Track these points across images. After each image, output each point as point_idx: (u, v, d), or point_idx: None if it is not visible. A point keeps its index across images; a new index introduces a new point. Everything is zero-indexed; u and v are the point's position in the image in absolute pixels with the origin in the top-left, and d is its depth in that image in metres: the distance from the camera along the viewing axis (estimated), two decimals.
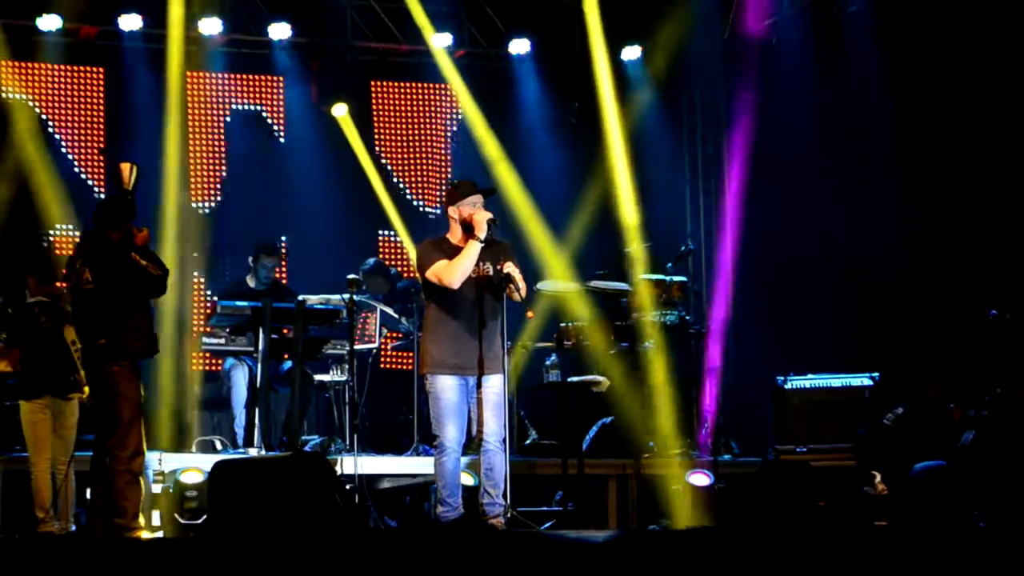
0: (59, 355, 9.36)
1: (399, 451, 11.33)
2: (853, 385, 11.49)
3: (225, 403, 11.56)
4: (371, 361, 11.61)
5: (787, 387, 11.60)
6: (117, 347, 8.65)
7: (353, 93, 13.66)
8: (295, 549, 6.95)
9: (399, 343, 12.77)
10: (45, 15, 12.42)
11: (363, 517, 9.88)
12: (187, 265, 12.78)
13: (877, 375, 11.42)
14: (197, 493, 9.83)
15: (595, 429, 11.41)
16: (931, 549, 7.28)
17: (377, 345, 11.78)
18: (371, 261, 12.49)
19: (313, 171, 13.41)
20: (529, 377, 11.98)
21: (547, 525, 10.02)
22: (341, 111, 13.45)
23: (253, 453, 10.76)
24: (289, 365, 11.28)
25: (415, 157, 13.94)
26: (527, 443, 11.79)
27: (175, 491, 9.87)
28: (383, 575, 6.84)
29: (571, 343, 11.67)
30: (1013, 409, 10.02)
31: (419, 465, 10.76)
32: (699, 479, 10.54)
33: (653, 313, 11.84)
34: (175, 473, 9.96)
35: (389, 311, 11.81)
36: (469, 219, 8.78)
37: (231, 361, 11.46)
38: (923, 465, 10.06)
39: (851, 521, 9.63)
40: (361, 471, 10.34)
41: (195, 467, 9.96)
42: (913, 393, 10.72)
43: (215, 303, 11.80)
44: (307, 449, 11.13)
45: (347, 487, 9.80)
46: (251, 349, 11.15)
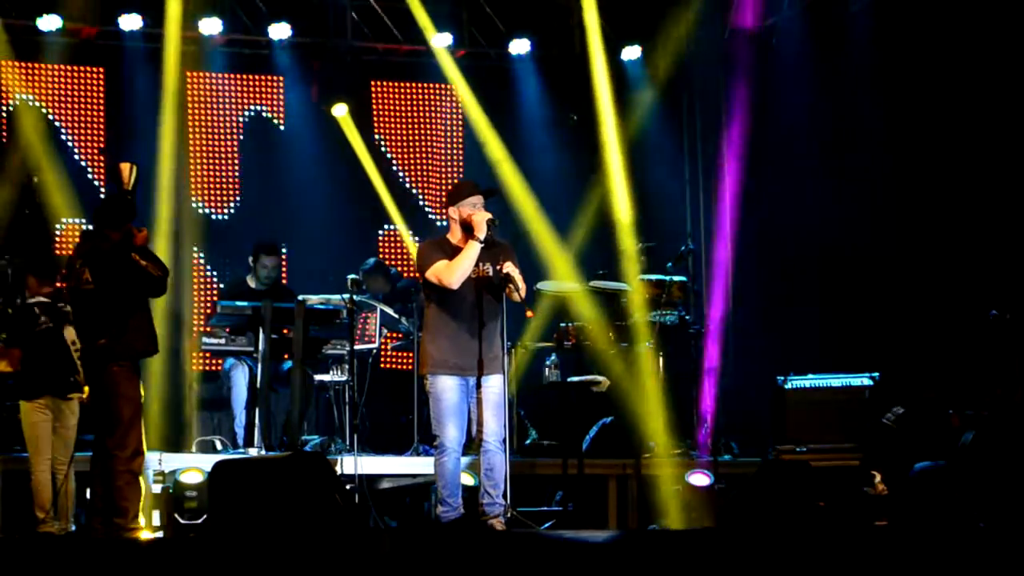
0: (59, 355, 9.37)
1: (399, 451, 11.33)
2: (853, 385, 11.47)
3: (225, 403, 11.55)
4: (371, 361, 11.59)
5: (787, 387, 11.58)
6: (117, 347, 8.66)
7: (353, 93, 13.66)
8: (295, 549, 6.94)
9: (399, 343, 12.77)
10: (45, 15, 12.42)
11: (363, 517, 9.89)
12: (186, 265, 12.78)
13: (877, 375, 11.41)
14: (197, 493, 9.84)
15: (595, 429, 11.40)
16: (931, 549, 7.28)
17: (377, 345, 11.77)
18: (371, 261, 12.49)
19: (313, 171, 13.40)
20: (529, 377, 11.97)
21: (547, 525, 10.01)
22: (341, 111, 13.44)
23: (253, 453, 10.76)
24: (289, 365, 11.29)
25: (415, 157, 13.94)
26: (527, 443, 11.78)
27: (175, 491, 9.88)
28: (383, 575, 6.84)
29: (571, 343, 11.65)
30: (1013, 409, 10.01)
31: (419, 465, 10.75)
32: (699, 479, 10.54)
33: (652, 313, 11.83)
34: (175, 473, 9.96)
35: (389, 311, 11.80)
36: (469, 220, 8.80)
37: (231, 361, 11.45)
38: (923, 465, 10.04)
39: (851, 521, 9.63)
40: (361, 471, 10.34)
41: (195, 467, 9.96)
42: (912, 398, 10.70)
43: (215, 303, 11.80)
44: (307, 449, 11.13)
45: (347, 487, 9.81)
46: (251, 349, 11.16)
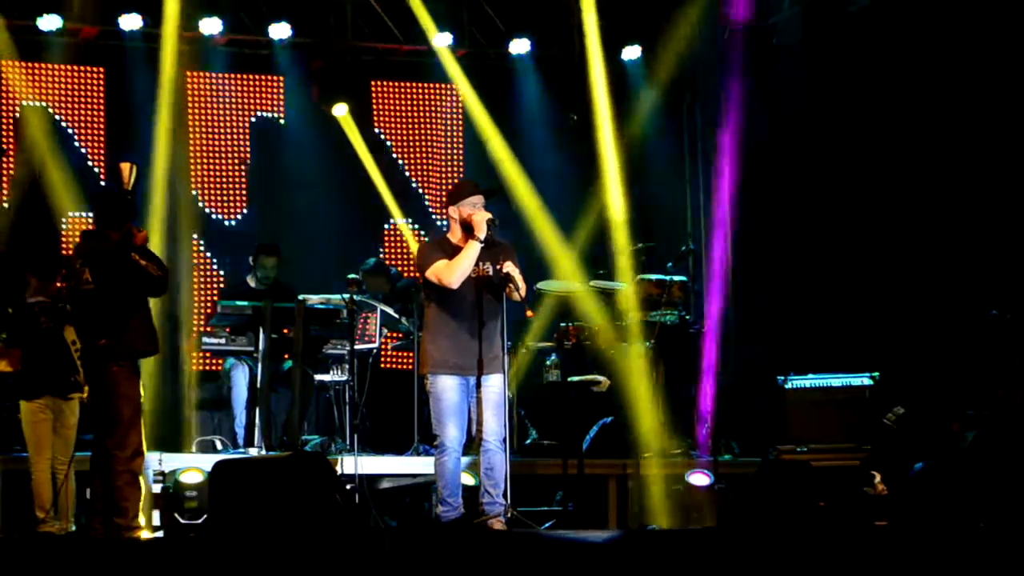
0: (59, 355, 9.36)
1: (399, 451, 11.33)
2: (853, 385, 11.47)
3: (225, 403, 11.55)
4: (371, 361, 11.59)
5: (787, 387, 11.59)
6: (117, 347, 8.65)
7: (353, 93, 13.65)
8: (295, 549, 6.94)
9: (399, 343, 12.76)
10: (46, 15, 12.41)
11: (363, 517, 9.89)
12: (185, 265, 12.78)
13: (877, 375, 11.41)
14: (197, 493, 9.83)
15: (595, 429, 11.40)
16: (931, 549, 7.27)
17: (377, 345, 11.77)
18: (371, 261, 12.49)
19: (313, 171, 13.40)
20: (529, 377, 11.97)
21: (547, 525, 10.01)
22: (341, 111, 13.45)
23: (253, 453, 10.76)
24: (289, 365, 11.28)
25: (415, 157, 13.94)
26: (527, 443, 11.79)
27: (175, 491, 9.88)
28: (383, 575, 6.83)
29: (571, 343, 11.65)
30: (1013, 409, 10.01)
31: (419, 465, 10.75)
32: (699, 479, 10.54)
33: (652, 313, 11.83)
34: (175, 473, 9.96)
35: (389, 311, 11.80)
36: (469, 219, 8.80)
37: (231, 361, 11.45)
38: (923, 465, 10.04)
39: (851, 521, 9.62)
40: (361, 471, 10.34)
41: (195, 467, 9.97)
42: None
43: (215, 303, 11.80)
44: (307, 449, 11.13)
45: (347, 487, 9.81)
46: (251, 349, 11.16)
